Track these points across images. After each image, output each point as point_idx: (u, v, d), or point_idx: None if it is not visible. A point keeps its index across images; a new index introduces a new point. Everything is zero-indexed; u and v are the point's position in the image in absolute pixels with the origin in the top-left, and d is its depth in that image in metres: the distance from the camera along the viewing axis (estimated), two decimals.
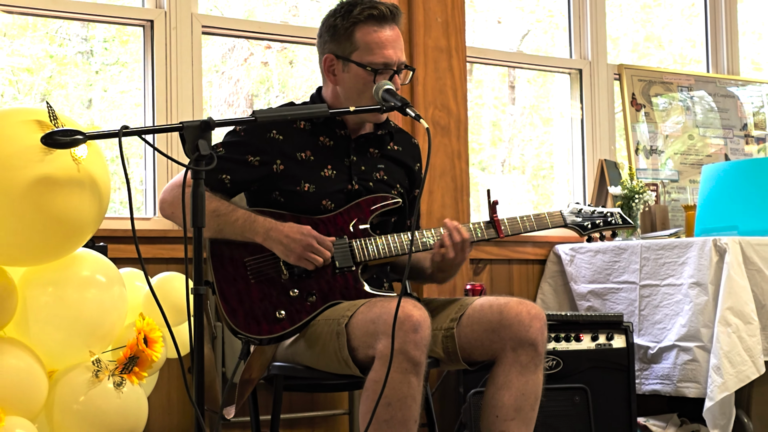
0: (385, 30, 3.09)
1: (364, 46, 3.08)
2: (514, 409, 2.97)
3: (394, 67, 3.09)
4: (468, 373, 3.72)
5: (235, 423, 3.78)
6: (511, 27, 5.44)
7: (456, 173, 4.39)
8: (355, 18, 3.10)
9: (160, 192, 3.87)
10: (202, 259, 2.46)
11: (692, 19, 5.66)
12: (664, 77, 5.27)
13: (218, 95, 4.64)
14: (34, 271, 2.77)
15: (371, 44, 3.08)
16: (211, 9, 4.27)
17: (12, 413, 2.58)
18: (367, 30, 3.09)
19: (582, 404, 3.80)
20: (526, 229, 3.22)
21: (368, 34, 3.09)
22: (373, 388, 2.75)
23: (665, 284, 4.15)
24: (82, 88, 4.35)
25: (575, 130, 5.10)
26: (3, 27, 4.05)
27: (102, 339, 2.79)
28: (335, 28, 3.13)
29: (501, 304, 3.01)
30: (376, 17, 3.09)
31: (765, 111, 5.57)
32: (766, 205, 4.27)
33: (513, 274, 4.57)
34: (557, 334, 3.94)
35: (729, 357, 3.83)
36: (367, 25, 3.09)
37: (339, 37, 3.12)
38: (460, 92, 4.43)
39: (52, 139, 2.52)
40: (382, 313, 2.80)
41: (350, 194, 3.15)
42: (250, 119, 2.71)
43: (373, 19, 3.09)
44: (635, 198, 4.62)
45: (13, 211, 2.56)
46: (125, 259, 3.28)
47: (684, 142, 5.25)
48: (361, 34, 3.09)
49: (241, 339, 3.01)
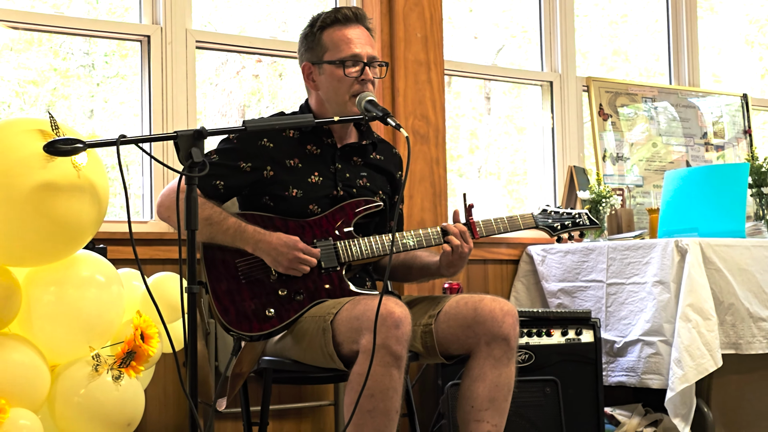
0: (349, 29, 3.15)
1: (332, 46, 3.14)
2: (488, 399, 2.97)
3: (364, 60, 3.12)
4: (446, 367, 3.72)
5: (227, 414, 3.77)
6: (487, 42, 5.45)
7: (435, 179, 4.40)
8: (321, 24, 3.17)
9: (156, 197, 3.87)
10: (196, 260, 2.45)
11: (656, 34, 5.66)
12: (629, 89, 5.28)
13: (212, 106, 4.63)
14: (37, 271, 2.76)
15: (337, 41, 3.13)
16: (204, 25, 4.26)
17: (16, 405, 2.57)
18: (331, 31, 3.15)
19: (552, 395, 3.80)
20: (500, 230, 3.23)
21: (333, 34, 3.15)
22: (357, 381, 2.75)
23: (630, 282, 4.16)
24: (85, 99, 4.34)
25: (547, 138, 5.11)
26: (9, 42, 4.04)
27: (101, 335, 2.78)
28: (306, 38, 3.20)
29: (476, 301, 3.01)
30: (339, 20, 3.15)
31: (724, 121, 5.58)
32: (725, 208, 4.29)
33: (488, 274, 4.58)
34: (529, 329, 3.95)
35: (689, 351, 3.84)
36: (332, 27, 3.15)
37: (311, 45, 3.19)
38: (439, 103, 4.43)
39: (53, 147, 2.51)
40: (366, 310, 2.80)
41: (335, 199, 3.16)
42: (240, 128, 2.72)
43: (337, 21, 3.15)
44: (602, 202, 4.63)
45: (17, 214, 2.55)
46: (123, 260, 3.27)
47: (648, 149, 5.26)
48: (328, 36, 3.15)
49: (233, 335, 3.01)
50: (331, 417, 4.11)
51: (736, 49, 6.17)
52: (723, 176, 4.34)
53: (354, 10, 3.18)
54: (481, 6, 5.35)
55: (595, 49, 5.62)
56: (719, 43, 6.00)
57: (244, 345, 3.05)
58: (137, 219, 3.93)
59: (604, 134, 5.12)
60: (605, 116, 5.15)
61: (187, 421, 3.66)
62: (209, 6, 4.45)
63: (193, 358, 2.42)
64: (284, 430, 4.03)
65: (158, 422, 3.75)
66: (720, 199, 4.31)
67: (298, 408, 4.05)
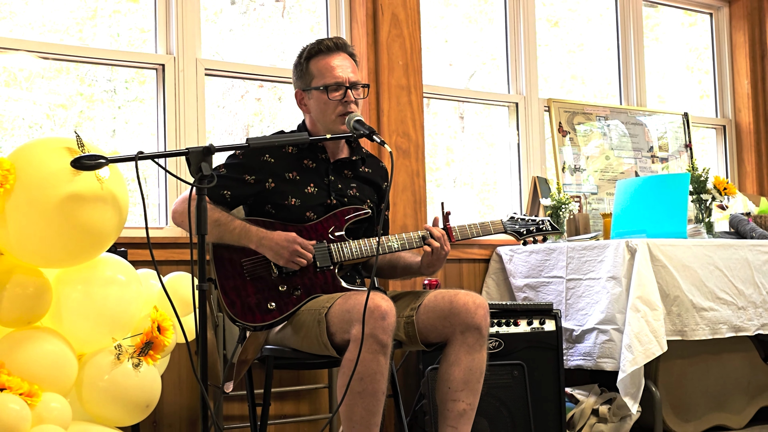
0: (332, 57, 3.16)
1: (317, 74, 3.15)
2: (463, 381, 2.97)
3: (346, 84, 3.12)
4: (426, 353, 3.72)
5: (234, 396, 3.76)
6: (460, 68, 5.45)
7: (415, 189, 4.40)
8: (307, 55, 3.19)
9: (170, 206, 3.87)
10: (206, 261, 2.45)
11: (608, 61, 5.68)
12: (585, 109, 5.29)
13: (219, 126, 4.62)
14: (65, 271, 2.75)
15: (322, 69, 3.15)
16: (213, 55, 4.25)
17: (48, 390, 2.56)
18: (316, 60, 3.16)
19: (519, 377, 3.80)
20: (473, 234, 3.23)
21: (318, 63, 3.16)
22: (348, 366, 2.75)
23: (587, 278, 4.16)
24: (107, 120, 4.33)
25: (513, 152, 5.11)
26: (41, 70, 4.03)
27: (122, 328, 2.78)
28: (296, 68, 3.23)
29: (451, 295, 3.02)
30: (322, 50, 3.17)
31: (668, 136, 5.59)
32: (669, 212, 4.30)
33: (463, 272, 4.57)
34: (498, 319, 3.94)
35: (638, 337, 3.84)
36: (316, 57, 3.17)
37: (300, 74, 3.21)
38: (418, 122, 4.43)
39: (79, 163, 2.51)
40: (356, 304, 2.80)
41: (329, 207, 3.16)
42: (244, 145, 2.74)
43: (320, 52, 3.17)
44: (562, 208, 4.64)
45: (48, 222, 2.55)
46: (142, 262, 3.26)
47: (602, 161, 5.27)
48: (314, 65, 3.17)
49: (239, 326, 3.01)
50: (325, 398, 4.10)
51: (678, 73, 6.19)
52: (667, 185, 4.35)
53: (335, 40, 3.19)
54: (455, 37, 5.35)
55: (555, 74, 5.63)
56: (663, 68, 6.02)
57: (249, 335, 3.04)
58: (154, 225, 3.92)
59: (563, 149, 5.13)
60: (564, 133, 5.16)
61: (198, 403, 3.65)
62: (217, 38, 4.45)
63: (203, 347, 2.42)
64: (284, 410, 4.02)
65: (173, 404, 3.73)
66: (665, 205, 4.32)
67: (296, 390, 4.04)
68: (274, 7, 4.77)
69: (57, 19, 4.07)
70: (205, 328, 2.41)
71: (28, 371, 2.54)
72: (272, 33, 4.74)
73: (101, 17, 4.19)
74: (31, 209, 2.55)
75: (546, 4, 5.53)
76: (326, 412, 4.08)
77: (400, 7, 4.43)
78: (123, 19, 4.22)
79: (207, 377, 2.39)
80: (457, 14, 5.35)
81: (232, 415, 3.86)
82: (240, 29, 4.63)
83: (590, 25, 5.76)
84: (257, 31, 4.70)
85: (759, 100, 5.99)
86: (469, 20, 5.40)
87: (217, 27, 4.49)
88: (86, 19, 4.14)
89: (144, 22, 4.16)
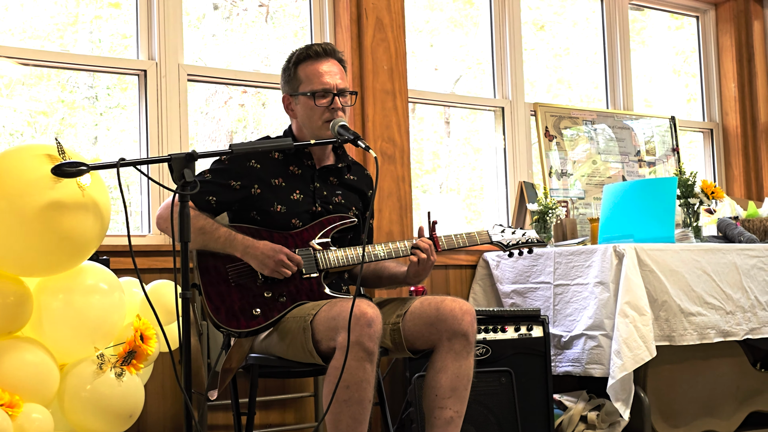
0: (321, 63, 3.16)
1: (305, 79, 3.15)
2: (450, 389, 2.97)
3: (334, 91, 3.12)
4: (412, 360, 3.72)
5: (219, 405, 3.75)
6: (446, 73, 5.46)
7: (401, 194, 4.40)
8: (296, 60, 3.18)
9: (153, 213, 3.86)
10: (189, 269, 2.45)
11: (594, 65, 5.70)
12: (571, 113, 5.31)
13: (203, 132, 4.62)
14: (46, 280, 2.74)
15: (310, 75, 3.15)
16: (195, 60, 4.25)
17: (29, 401, 2.55)
18: (305, 66, 3.16)
19: (507, 384, 3.81)
20: (459, 245, 3.24)
21: (306, 68, 3.16)
22: (334, 374, 2.75)
23: (575, 283, 4.17)
24: (89, 127, 4.32)
25: (499, 157, 5.13)
26: (22, 77, 4.02)
27: (105, 336, 2.77)
28: (284, 72, 3.22)
29: (438, 302, 3.02)
30: (311, 55, 3.16)
31: (655, 140, 5.62)
32: (657, 217, 4.31)
33: (449, 277, 4.58)
34: (486, 326, 3.95)
35: (627, 343, 3.85)
36: (305, 62, 3.16)
37: (288, 79, 3.20)
38: (404, 127, 4.44)
39: (60, 169, 2.50)
40: (341, 311, 2.80)
41: (314, 214, 3.16)
42: (227, 151, 2.74)
43: (309, 57, 3.16)
44: (549, 213, 4.65)
45: (29, 230, 2.54)
46: (124, 270, 3.26)
47: (589, 166, 5.29)
48: (302, 70, 3.17)
49: (223, 332, 3.01)
50: (311, 407, 4.10)
51: (665, 77, 6.22)
52: (654, 189, 4.37)
53: (324, 46, 3.19)
54: (441, 41, 5.36)
55: (541, 78, 5.64)
56: (650, 72, 6.05)
57: (233, 343, 3.04)
58: (136, 233, 3.91)
59: (549, 153, 5.14)
60: (551, 137, 5.17)
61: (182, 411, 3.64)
62: (199, 43, 4.44)
63: (187, 356, 2.42)
64: (270, 419, 4.02)
65: (157, 413, 3.72)
66: (652, 209, 4.33)
67: (282, 399, 4.03)
68: (258, 12, 4.77)
69: (38, 25, 4.06)
70: (188, 336, 2.41)
71: (8, 381, 2.53)
72: (256, 38, 4.74)
73: (82, 23, 4.18)
74: (11, 217, 2.54)
75: (532, 8, 5.55)
76: (312, 421, 4.07)
77: (385, 12, 4.44)
78: (104, 24, 4.22)
79: (191, 386, 2.38)
80: (442, 18, 5.36)
81: (216, 425, 3.85)
82: (223, 34, 4.63)
83: (576, 29, 5.78)
84: (240, 36, 4.70)
85: (746, 104, 6.02)
86: (455, 24, 5.41)
87: (200, 32, 4.49)
88: (67, 25, 4.13)
89: (126, 27, 4.15)
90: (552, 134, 5.18)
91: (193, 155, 2.49)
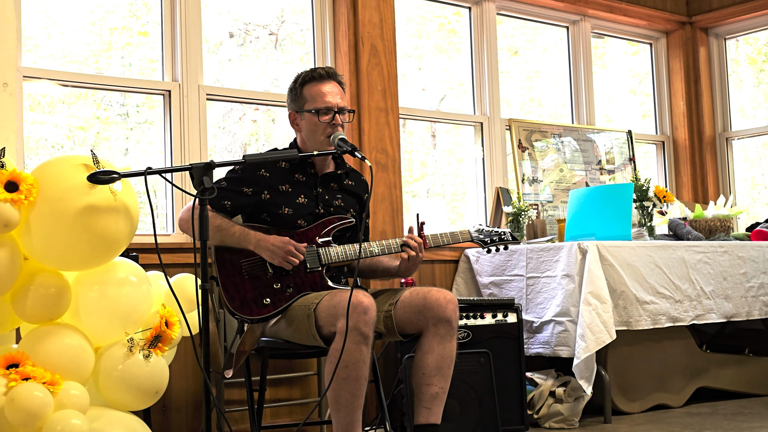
0: (323, 84, 3.16)
1: (310, 98, 3.15)
2: (436, 368, 2.97)
3: (335, 109, 3.13)
4: (403, 343, 3.71)
5: (234, 383, 3.75)
6: (432, 93, 5.46)
7: (393, 199, 4.40)
8: (302, 80, 3.19)
9: (176, 215, 3.86)
10: (208, 263, 2.44)
11: (561, 86, 5.70)
12: (541, 127, 5.31)
13: (220, 144, 4.61)
14: (83, 274, 2.74)
15: (314, 95, 3.15)
16: (214, 82, 4.24)
17: (68, 379, 2.55)
18: (309, 87, 3.17)
19: (486, 364, 3.81)
20: (444, 243, 3.25)
21: (311, 89, 3.16)
22: (335, 355, 2.75)
23: (544, 276, 4.17)
24: (121, 140, 4.31)
25: (479, 166, 5.13)
26: (62, 96, 4.01)
27: (134, 323, 2.76)
28: (291, 92, 3.22)
29: (425, 292, 3.02)
30: (315, 77, 3.17)
31: (614, 151, 5.62)
32: (615, 218, 4.32)
33: (435, 271, 4.58)
34: (467, 313, 3.95)
35: (590, 327, 3.86)
36: (310, 83, 3.16)
37: (294, 97, 3.20)
38: (395, 140, 4.44)
39: (95, 177, 2.50)
40: (341, 300, 2.80)
41: (317, 215, 3.17)
42: (241, 161, 2.74)
43: (313, 79, 3.17)
44: (522, 214, 4.65)
45: (68, 231, 2.53)
46: (151, 264, 3.25)
47: (556, 173, 5.29)
48: (307, 90, 3.17)
49: (237, 319, 3.01)
50: (315, 384, 4.10)
51: (623, 96, 6.23)
52: (614, 194, 4.38)
53: (327, 69, 3.19)
54: (427, 65, 5.36)
55: (515, 97, 5.65)
56: (610, 91, 6.05)
57: (246, 328, 3.04)
58: (161, 232, 3.90)
59: (522, 162, 5.15)
60: (523, 149, 5.18)
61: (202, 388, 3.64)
62: (217, 67, 4.44)
63: (206, 340, 2.42)
64: (279, 394, 4.01)
65: (180, 390, 3.72)
66: (612, 211, 4.34)
67: (289, 377, 4.03)
68: (268, 39, 4.77)
69: (76, 51, 4.05)
70: (207, 323, 2.41)
71: (50, 362, 2.53)
72: (266, 62, 4.73)
73: (115, 49, 4.17)
74: (52, 219, 2.54)
75: (507, 36, 5.55)
76: (315, 396, 4.07)
77: (378, 39, 4.44)
78: (134, 50, 4.21)
79: (210, 366, 2.38)
80: (428, 45, 5.36)
81: (232, 400, 3.85)
82: (238, 59, 4.63)
83: (546, 54, 5.79)
84: (253, 60, 4.70)
85: (693, 119, 6.04)
86: (440, 50, 5.41)
87: (218, 57, 4.48)
88: (102, 51, 4.13)
89: (152, 53, 4.15)
90: (524, 146, 5.18)
91: (212, 164, 2.49)
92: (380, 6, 4.46)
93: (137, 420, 2.72)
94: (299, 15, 4.64)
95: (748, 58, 6.18)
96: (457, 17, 5.30)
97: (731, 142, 6.04)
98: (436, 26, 5.39)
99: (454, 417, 3.64)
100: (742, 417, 4.14)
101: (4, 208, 2.46)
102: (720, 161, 6.03)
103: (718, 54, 6.09)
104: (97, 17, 4.12)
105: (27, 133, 3.76)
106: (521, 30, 5.69)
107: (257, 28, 4.71)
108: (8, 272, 2.53)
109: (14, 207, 2.48)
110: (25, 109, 3.69)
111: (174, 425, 3.71)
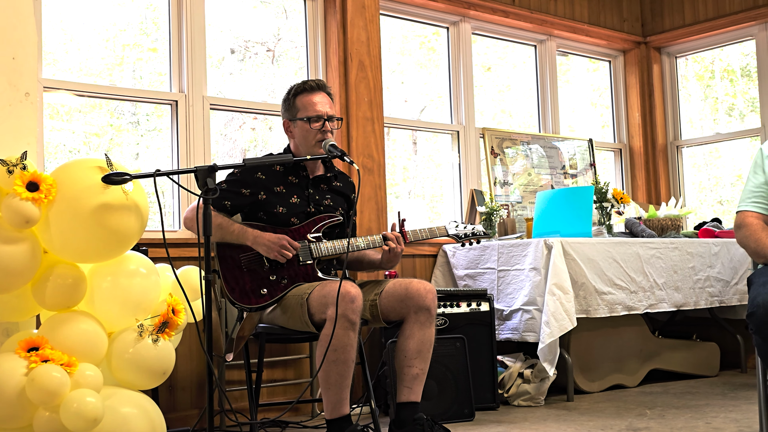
0: (314, 95, 3.16)
1: (302, 107, 3.14)
2: (416, 351, 2.98)
3: (325, 117, 3.13)
4: (387, 329, 3.72)
5: (234, 365, 3.74)
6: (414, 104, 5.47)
7: (378, 199, 4.40)
8: (295, 92, 3.19)
9: (182, 213, 3.85)
10: (210, 257, 2.44)
11: (530, 98, 5.72)
12: (511, 136, 5.33)
13: (222, 150, 4.60)
14: (98, 266, 2.72)
15: (305, 104, 3.15)
16: (216, 93, 4.23)
17: (83, 361, 2.53)
18: (301, 97, 3.17)
19: (461, 348, 3.82)
20: (423, 237, 3.25)
21: (303, 99, 3.16)
22: (325, 340, 2.75)
23: (514, 269, 4.19)
24: (132, 146, 4.29)
25: (455, 170, 5.14)
26: (79, 106, 4.00)
27: (144, 310, 2.75)
28: (285, 102, 3.22)
29: (407, 283, 3.03)
30: (306, 89, 3.17)
31: (576, 157, 5.64)
32: (578, 217, 4.34)
33: (416, 265, 4.59)
34: (444, 302, 3.96)
35: (554, 315, 3.88)
36: (302, 94, 3.17)
37: (288, 107, 3.20)
38: (380, 146, 4.44)
39: (108, 179, 2.49)
40: (331, 290, 2.80)
41: (309, 214, 3.16)
42: (241, 164, 2.73)
43: (305, 90, 3.17)
44: (494, 214, 4.66)
45: (84, 227, 2.52)
46: (160, 258, 3.24)
47: (525, 177, 5.31)
48: (299, 100, 3.16)
49: (237, 308, 3.01)
50: (307, 366, 4.09)
51: (584, 108, 6.25)
52: (576, 195, 4.40)
53: (317, 81, 3.20)
54: (410, 79, 5.37)
55: (488, 108, 5.66)
56: (573, 103, 6.08)
57: (246, 316, 3.03)
58: (169, 229, 3.89)
59: (494, 167, 5.16)
60: (495, 155, 5.19)
61: (205, 370, 3.63)
62: (219, 80, 4.43)
63: (209, 326, 2.41)
64: (274, 375, 4.01)
65: (185, 371, 3.71)
66: (574, 211, 4.36)
67: (284, 360, 4.02)
68: (266, 55, 4.76)
69: (91, 64, 4.03)
70: (210, 310, 2.40)
71: (67, 346, 2.51)
72: (264, 76, 4.73)
73: (127, 63, 4.16)
74: (69, 216, 2.53)
75: (480, 54, 5.57)
76: (308, 377, 4.07)
77: (366, 56, 4.44)
78: (144, 64, 4.20)
79: (212, 349, 2.38)
80: (411, 61, 5.37)
81: (232, 380, 3.84)
82: (238, 73, 4.62)
83: (516, 70, 5.81)
84: (252, 74, 4.69)
85: (647, 129, 6.07)
86: (421, 66, 5.42)
87: (220, 71, 4.47)
88: (115, 65, 4.11)
89: (161, 67, 4.13)
90: (496, 152, 5.19)
91: (214, 167, 2.48)
92: (367, 26, 4.47)
93: (146, 398, 2.71)
94: (294, 33, 4.64)
95: (696, 75, 6.22)
96: (436, 36, 5.31)
97: (681, 150, 6.08)
98: (417, 44, 5.40)
99: (432, 396, 3.65)
100: (690, 396, 4.17)
101: (26, 206, 2.45)
102: (671, 167, 6.07)
103: (669, 71, 6.12)
104: (111, 34, 4.10)
105: (47, 139, 3.74)
106: (494, 48, 5.71)
107: (256, 44, 4.70)
108: (29, 264, 2.52)
109: (35, 205, 2.47)
110: (45, 117, 3.68)
111: (179, 403, 3.70)
